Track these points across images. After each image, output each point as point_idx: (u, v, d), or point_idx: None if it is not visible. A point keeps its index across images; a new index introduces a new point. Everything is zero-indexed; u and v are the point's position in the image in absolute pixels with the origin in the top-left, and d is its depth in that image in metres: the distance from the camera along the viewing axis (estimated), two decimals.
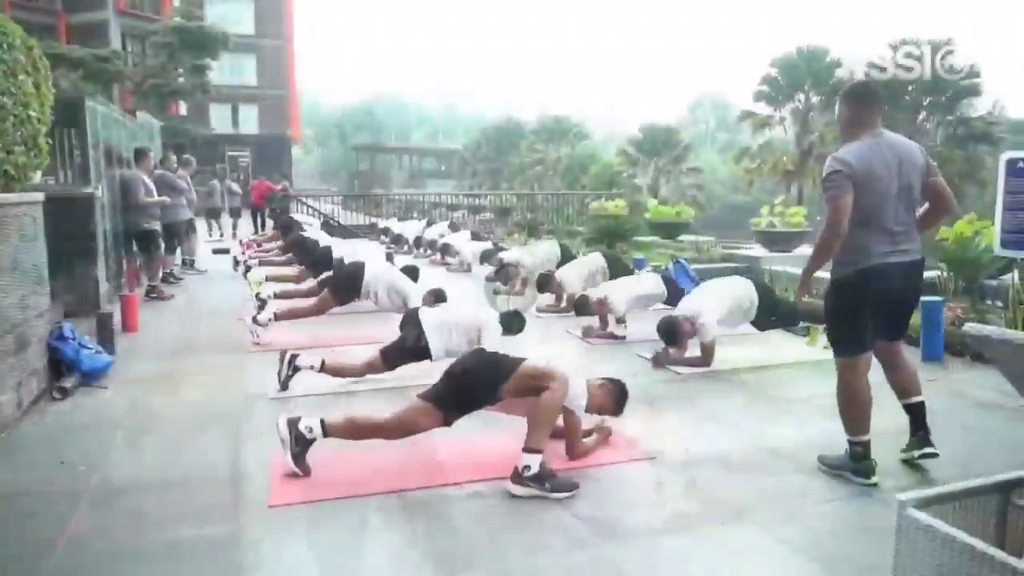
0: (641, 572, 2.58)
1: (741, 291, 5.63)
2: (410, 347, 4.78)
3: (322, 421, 3.34)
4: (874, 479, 3.28)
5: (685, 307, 5.51)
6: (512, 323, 5.12)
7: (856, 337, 3.31)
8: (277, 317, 6.17)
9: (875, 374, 3.40)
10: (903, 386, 3.49)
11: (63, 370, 4.79)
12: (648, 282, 6.72)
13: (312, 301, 6.54)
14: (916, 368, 3.58)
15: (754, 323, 5.80)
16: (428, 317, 4.92)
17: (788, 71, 22.88)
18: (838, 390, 3.38)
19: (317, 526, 2.91)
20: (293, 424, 3.32)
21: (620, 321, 6.32)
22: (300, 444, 3.30)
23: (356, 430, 3.40)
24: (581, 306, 6.50)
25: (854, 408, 3.33)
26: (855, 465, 3.33)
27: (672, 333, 5.34)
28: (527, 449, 3.14)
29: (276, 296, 6.97)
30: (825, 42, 31.82)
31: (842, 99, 3.40)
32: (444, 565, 2.61)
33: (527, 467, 3.10)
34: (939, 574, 1.92)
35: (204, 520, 2.96)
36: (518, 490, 3.13)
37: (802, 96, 23.27)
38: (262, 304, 6.48)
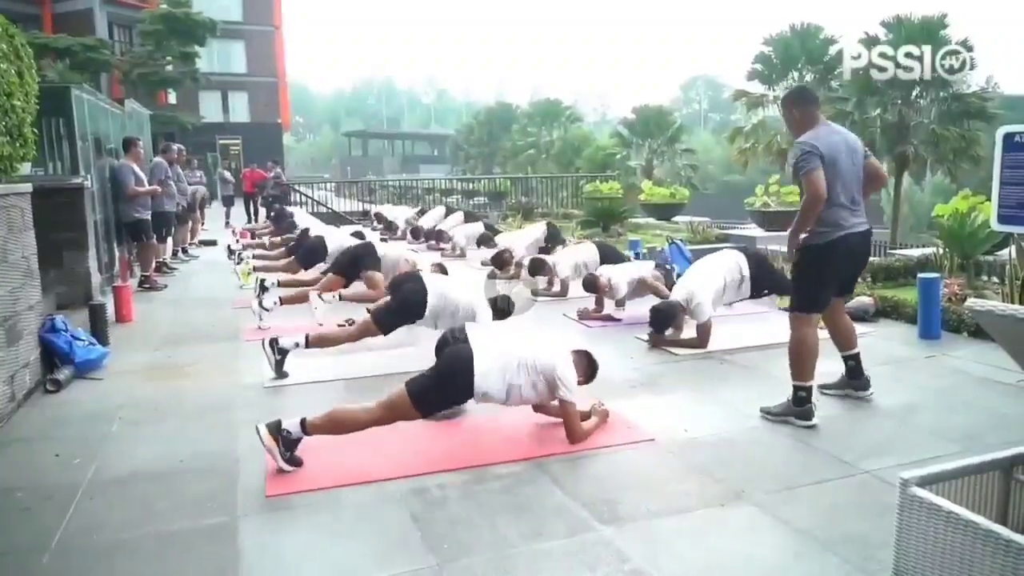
0: (642, 554, 2.57)
1: (731, 265, 5.59)
2: (407, 302, 4.81)
3: (302, 421, 3.26)
4: (814, 421, 3.71)
5: (678, 291, 5.48)
6: (505, 307, 5.10)
7: (818, 297, 3.79)
8: (282, 301, 6.13)
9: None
10: (843, 341, 4.07)
11: (56, 362, 4.75)
12: (649, 270, 6.74)
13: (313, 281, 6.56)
14: (853, 324, 4.13)
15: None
16: (433, 282, 4.96)
17: (782, 49, 22.63)
18: (792, 341, 3.80)
19: (316, 515, 2.89)
20: (275, 430, 3.23)
21: (620, 304, 6.34)
22: (288, 447, 3.24)
23: (337, 426, 3.32)
24: (589, 284, 6.54)
25: (806, 356, 3.74)
26: (798, 409, 3.74)
27: (662, 322, 5.31)
28: None
29: (280, 284, 6.92)
30: (819, 19, 31.63)
31: (789, 104, 3.91)
32: (444, 551, 2.59)
33: None
34: (942, 551, 1.91)
35: (202, 510, 2.94)
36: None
37: (796, 74, 23.06)
38: (264, 289, 6.46)
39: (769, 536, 2.70)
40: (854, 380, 4.09)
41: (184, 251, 11.30)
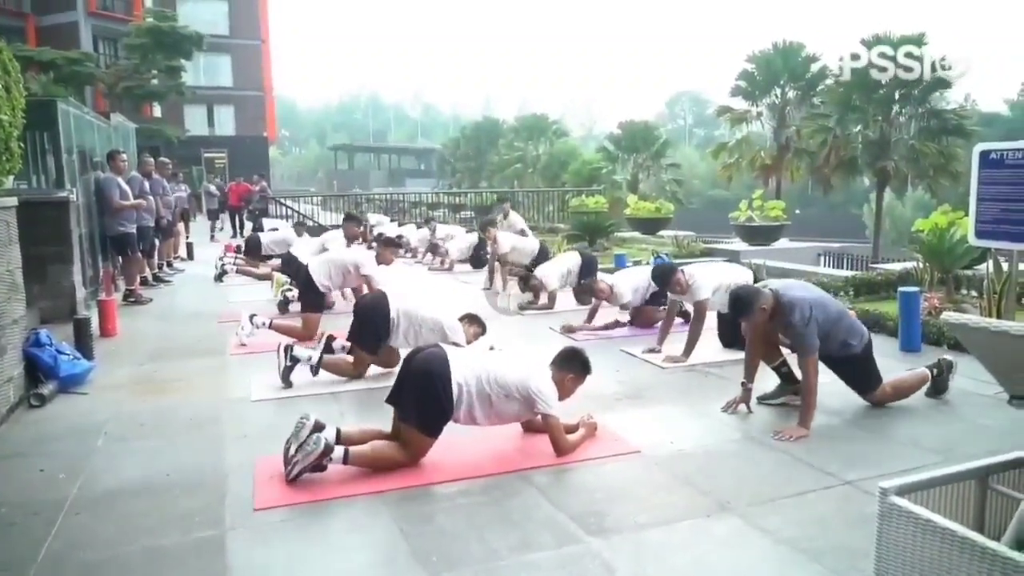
0: (629, 566, 2.60)
1: (736, 273, 5.82)
2: (376, 332, 4.84)
3: (346, 451, 3.28)
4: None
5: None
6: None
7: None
8: (272, 326, 6.05)
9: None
10: (767, 357, 4.40)
11: (40, 377, 4.72)
12: (645, 272, 6.90)
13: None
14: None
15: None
16: (399, 307, 4.92)
17: (764, 66, 22.96)
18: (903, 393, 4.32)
19: (303, 528, 2.90)
20: (327, 450, 3.22)
21: (625, 307, 6.57)
22: (317, 469, 3.24)
23: (374, 461, 3.35)
24: (582, 293, 6.62)
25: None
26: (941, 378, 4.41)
27: (666, 277, 5.53)
28: None
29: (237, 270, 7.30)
30: (800, 37, 32.09)
31: (754, 307, 3.97)
32: (432, 564, 2.61)
33: None
34: (920, 559, 1.96)
35: (189, 525, 2.93)
36: None
37: (779, 91, 23.40)
38: (223, 272, 6.80)
39: (754, 547, 2.74)
40: (791, 384, 4.29)
41: (168, 264, 11.22)
